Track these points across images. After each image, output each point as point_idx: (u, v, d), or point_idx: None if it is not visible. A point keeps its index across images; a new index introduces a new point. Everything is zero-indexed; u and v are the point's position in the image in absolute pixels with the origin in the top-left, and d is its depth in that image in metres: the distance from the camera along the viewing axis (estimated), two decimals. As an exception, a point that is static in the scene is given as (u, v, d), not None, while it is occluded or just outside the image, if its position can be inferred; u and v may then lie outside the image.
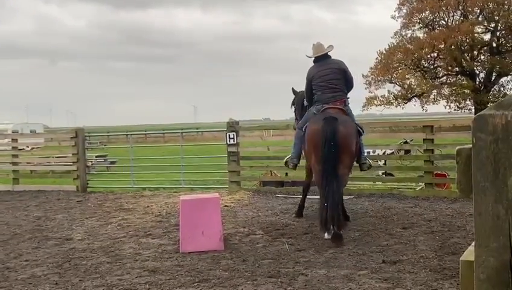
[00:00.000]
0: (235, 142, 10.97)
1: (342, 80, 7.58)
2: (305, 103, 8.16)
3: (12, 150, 14.34)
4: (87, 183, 12.77)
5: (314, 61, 7.78)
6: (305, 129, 7.31)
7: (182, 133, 20.01)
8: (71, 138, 12.90)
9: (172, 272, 5.59)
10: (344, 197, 9.77)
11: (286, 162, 8.33)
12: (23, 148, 17.50)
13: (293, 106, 8.98)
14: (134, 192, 12.07)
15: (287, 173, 11.91)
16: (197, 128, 55.00)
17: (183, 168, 12.27)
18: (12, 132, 32.08)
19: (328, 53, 7.76)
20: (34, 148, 21.27)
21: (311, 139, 7.03)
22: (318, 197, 9.14)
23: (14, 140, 14.73)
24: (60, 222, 8.78)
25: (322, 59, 7.72)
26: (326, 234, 6.67)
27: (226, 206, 9.41)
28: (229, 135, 10.92)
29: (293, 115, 9.28)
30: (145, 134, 36.38)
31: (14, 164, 13.91)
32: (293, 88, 9.04)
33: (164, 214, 9.06)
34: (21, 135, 20.85)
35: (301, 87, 8.30)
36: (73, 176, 12.87)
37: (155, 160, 15.26)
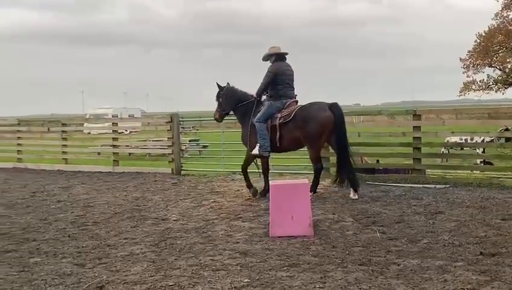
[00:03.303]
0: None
1: (293, 81, 9.09)
2: (263, 97, 9.22)
3: (113, 134, 15.13)
4: (181, 166, 13.22)
5: (275, 60, 8.98)
6: (302, 117, 8.58)
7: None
8: (166, 122, 13.39)
9: (262, 255, 5.67)
10: (439, 186, 9.50)
11: (261, 155, 9.06)
12: (123, 132, 18.41)
13: (219, 99, 9.66)
14: (225, 176, 12.33)
15: (378, 160, 11.68)
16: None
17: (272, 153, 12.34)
18: (112, 116, 33.91)
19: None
20: (132, 132, 22.32)
21: (326, 122, 8.56)
22: (409, 185, 9.09)
23: (115, 124, 15.54)
24: (157, 202, 9.16)
25: (282, 59, 9.06)
26: (352, 194, 8.68)
27: (315, 192, 9.38)
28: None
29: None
30: (235, 120, 36.99)
31: (115, 146, 14.67)
32: (217, 82, 9.67)
33: (253, 198, 9.19)
34: (121, 119, 21.95)
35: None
36: (169, 159, 13.37)
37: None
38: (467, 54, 42.11)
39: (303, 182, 6.93)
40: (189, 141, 19.50)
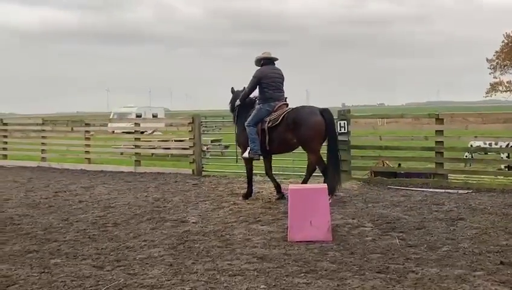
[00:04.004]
0: (346, 130, 10.81)
1: (283, 84, 9.32)
2: (237, 102, 9.58)
3: (135, 134, 15.28)
4: (202, 167, 13.27)
5: (263, 64, 9.27)
6: (293, 121, 8.72)
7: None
8: (188, 123, 13.47)
9: (280, 260, 5.66)
10: (461, 191, 9.38)
11: (247, 158, 9.41)
12: (145, 131, 18.54)
13: (230, 104, 10.16)
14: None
15: (400, 164, 11.57)
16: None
17: (292, 155, 12.31)
18: (136, 116, 34.19)
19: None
20: (154, 131, 22.46)
21: (318, 127, 8.69)
22: (431, 190, 9.01)
23: (137, 124, 15.67)
24: (177, 204, 9.21)
25: (270, 64, 9.31)
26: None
27: (335, 195, 9.33)
28: (340, 124, 10.78)
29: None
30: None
31: (136, 146, 14.81)
32: (232, 87, 10.14)
33: (273, 200, 9.18)
34: (143, 119, 22.12)
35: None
36: (190, 160, 13.45)
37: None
38: (494, 55, 41.51)
39: (322, 187, 6.90)
40: (212, 141, 19.53)
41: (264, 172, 12.71)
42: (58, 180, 12.84)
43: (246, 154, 9.35)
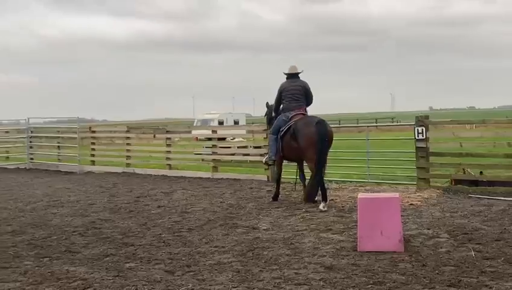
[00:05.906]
0: (424, 137, 10.48)
1: (303, 95, 10.06)
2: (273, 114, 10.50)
3: (213, 141, 15.64)
4: (277, 174, 13.30)
5: (287, 78, 10.16)
6: (294, 130, 9.51)
7: (373, 124, 19.58)
8: (263, 130, 13.60)
9: (348, 270, 5.59)
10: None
11: (266, 162, 10.78)
12: (228, 138, 18.94)
13: (265, 116, 11.63)
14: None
15: (481, 172, 11.06)
16: (392, 118, 53.99)
17: (368, 162, 12.11)
18: (219, 122, 35.06)
19: (299, 75, 10.20)
20: (235, 138, 22.87)
21: (310, 137, 9.24)
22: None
23: (214, 132, 16.04)
24: (249, 210, 9.32)
25: (293, 77, 10.12)
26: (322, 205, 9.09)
27: (411, 204, 9.07)
28: (418, 130, 10.48)
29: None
30: (338, 126, 36.67)
31: (214, 153, 15.14)
32: (267, 102, 11.21)
33: (347, 209, 9.05)
34: (223, 127, 22.54)
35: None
36: (265, 167, 13.54)
37: (342, 153, 15.21)
38: None
39: (393, 196, 6.74)
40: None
41: (341, 179, 12.62)
42: (140, 185, 13.37)
43: (263, 159, 10.54)
